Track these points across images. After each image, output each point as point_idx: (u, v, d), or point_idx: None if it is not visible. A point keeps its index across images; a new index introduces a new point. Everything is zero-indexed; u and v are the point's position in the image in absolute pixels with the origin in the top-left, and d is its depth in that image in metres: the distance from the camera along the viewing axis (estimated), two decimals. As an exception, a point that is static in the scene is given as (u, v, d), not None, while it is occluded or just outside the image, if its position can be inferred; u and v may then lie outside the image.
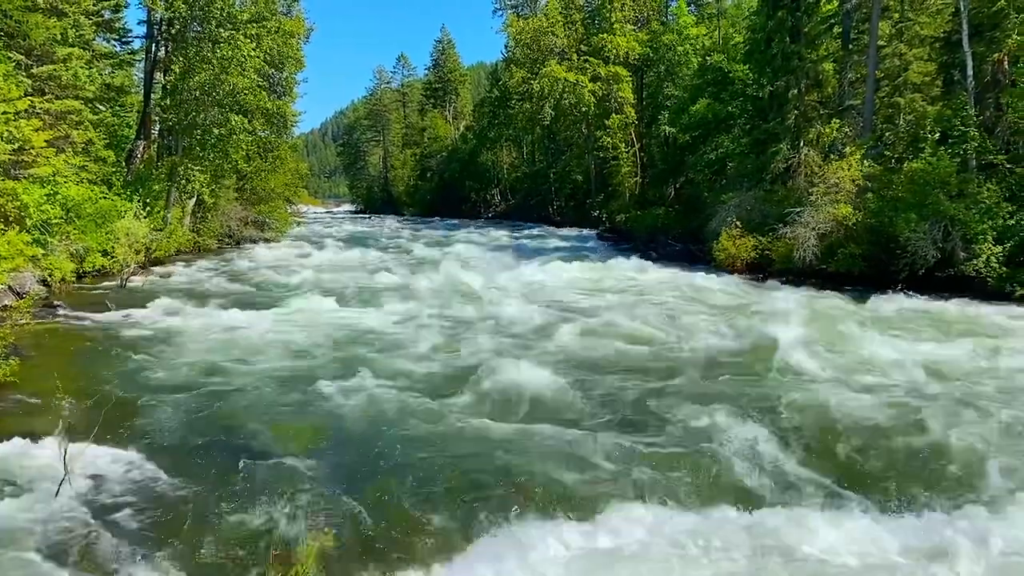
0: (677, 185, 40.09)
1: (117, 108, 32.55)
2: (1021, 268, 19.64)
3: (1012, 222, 20.14)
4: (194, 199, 33.05)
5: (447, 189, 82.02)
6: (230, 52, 29.76)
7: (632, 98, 48.14)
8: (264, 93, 34.42)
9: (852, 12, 29.37)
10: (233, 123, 30.62)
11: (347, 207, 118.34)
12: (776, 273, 24.10)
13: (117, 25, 33.52)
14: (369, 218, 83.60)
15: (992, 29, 24.47)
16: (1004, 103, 23.32)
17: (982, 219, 20.23)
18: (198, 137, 30.98)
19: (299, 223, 51.23)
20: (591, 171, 56.28)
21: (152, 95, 33.20)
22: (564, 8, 57.37)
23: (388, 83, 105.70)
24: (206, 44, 30.30)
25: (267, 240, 40.53)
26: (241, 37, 30.33)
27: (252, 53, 30.74)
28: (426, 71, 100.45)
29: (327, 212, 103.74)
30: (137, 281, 22.76)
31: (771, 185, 27.86)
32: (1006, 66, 24.55)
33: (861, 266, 22.06)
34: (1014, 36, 23.02)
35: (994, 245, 20.02)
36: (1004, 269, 19.78)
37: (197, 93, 30.32)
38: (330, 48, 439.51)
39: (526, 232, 51.69)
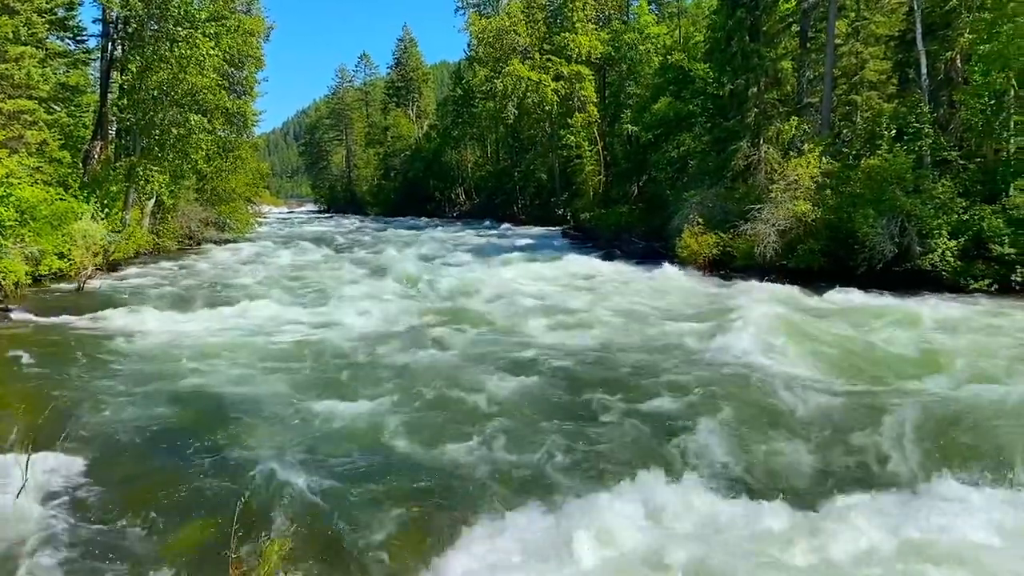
0: (640, 183, 40.34)
1: (73, 108, 31.93)
2: (975, 262, 20.10)
3: (966, 217, 20.58)
4: (153, 200, 32.53)
5: (411, 188, 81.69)
6: (188, 51, 29.34)
7: (595, 97, 48.37)
8: (224, 92, 34.02)
9: (810, 11, 29.77)
10: (192, 123, 30.19)
11: (310, 207, 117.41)
12: (738, 269, 24.38)
13: (71, 23, 32.90)
14: (332, 218, 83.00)
15: (945, 28, 25.00)
16: (957, 100, 23.84)
17: (937, 214, 20.64)
18: (157, 137, 30.49)
19: (261, 223, 50.71)
20: (555, 170, 56.45)
21: (109, 94, 32.64)
22: (526, 7, 57.39)
23: (350, 82, 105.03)
24: (164, 43, 29.82)
25: (228, 241, 40.07)
26: (200, 36, 29.91)
27: (211, 52, 30.31)
28: (388, 70, 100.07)
29: (289, 212, 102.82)
30: (95, 284, 22.35)
31: (732, 182, 28.17)
32: (959, 64, 25.09)
33: (820, 262, 22.41)
34: (966, 35, 23.53)
35: (949, 240, 20.45)
36: (958, 263, 20.23)
37: (155, 93, 29.85)
38: (291, 47, 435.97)
39: (491, 231, 51.69)
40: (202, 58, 29.85)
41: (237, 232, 42.10)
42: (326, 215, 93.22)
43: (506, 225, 57.38)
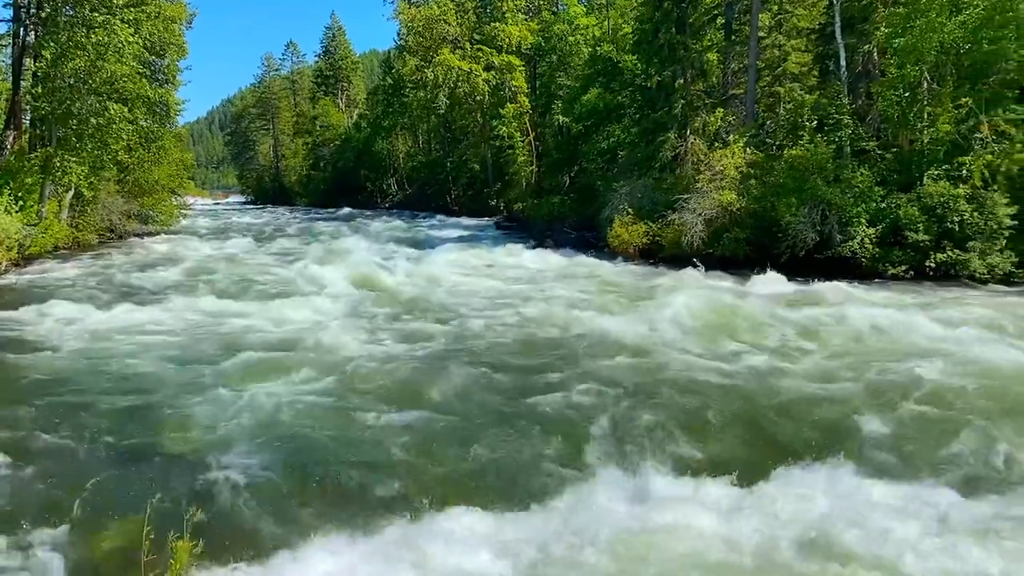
0: (572, 174, 40.63)
1: (-19, 96, 30.57)
2: (892, 249, 20.89)
3: (883, 205, 21.34)
4: (72, 192, 31.35)
5: (341, 179, 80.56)
6: (106, 37, 28.27)
7: (526, 87, 48.49)
8: (145, 81, 32.95)
9: (734, 3, 30.39)
10: (112, 112, 29.14)
11: (237, 198, 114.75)
12: (667, 258, 24.79)
13: (-21, 8, 31.46)
14: (260, 209, 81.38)
15: (863, 22, 25.82)
16: (874, 92, 24.64)
17: (856, 203, 21.36)
18: (74, 127, 29.35)
19: (186, 216, 49.37)
20: (488, 160, 56.42)
21: (22, 82, 31.26)
22: (456, -4, 57.15)
23: (277, 70, 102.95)
24: (80, 29, 28.68)
25: (152, 234, 38.88)
26: (118, 22, 28.86)
27: (130, 39, 29.29)
28: (317, 58, 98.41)
29: (216, 204, 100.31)
30: (9, 279, 21.50)
31: (660, 173, 28.63)
32: (876, 57, 25.97)
33: (745, 250, 22.97)
34: (882, 29, 24.33)
35: (867, 227, 21.20)
36: (877, 250, 21.01)
37: (71, 81, 28.71)
38: (215, 34, 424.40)
39: (424, 222, 51.41)
40: (121, 45, 28.82)
41: (161, 224, 40.96)
42: (254, 206, 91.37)
43: (439, 216, 57.15)
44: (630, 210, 27.15)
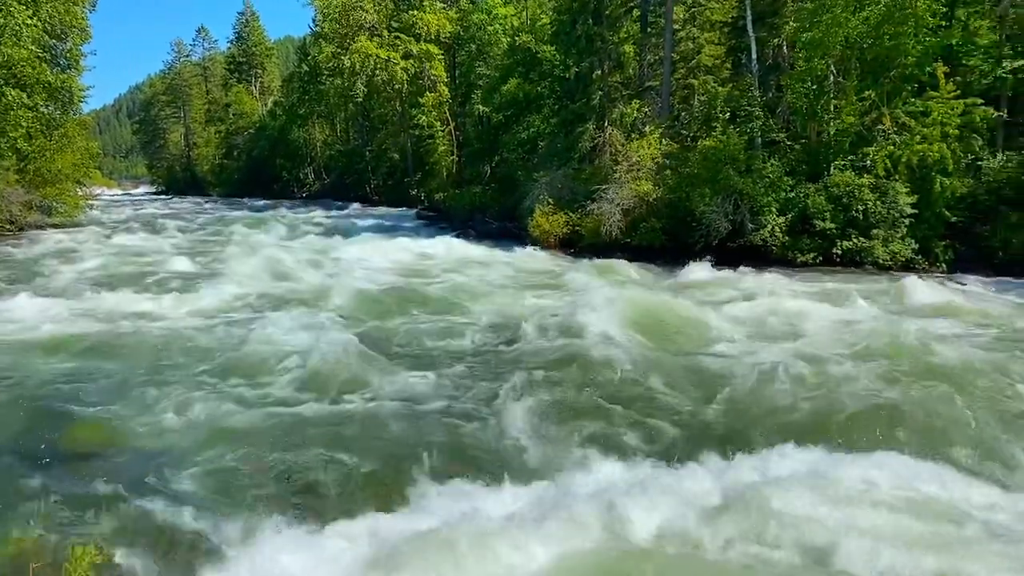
0: (493, 164, 40.62)
1: None
2: (800, 237, 21.63)
3: (792, 195, 22.06)
4: (-34, 183, 29.83)
5: (256, 168, 78.63)
6: (2, 20, 26.97)
7: (445, 76, 48.16)
8: (45, 66, 31.57)
9: (650, -4, 30.83)
10: (9, 98, 27.90)
11: (146, 188, 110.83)
12: (587, 248, 25.11)
13: None
14: (171, 200, 78.86)
15: (773, 16, 26.59)
16: (784, 85, 25.40)
17: (767, 192, 22.01)
18: (-32, 114, 27.95)
19: (92, 207, 47.42)
20: (408, 149, 55.89)
21: (-92, 66, 29.53)
22: (373, -17, 56.25)
23: (187, 56, 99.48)
24: (-28, 11, 27.30)
25: (55, 226, 37.18)
26: (15, 3, 27.55)
27: (28, 21, 28.04)
28: (229, 44, 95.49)
29: (125, 194, 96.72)
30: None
31: (579, 163, 28.91)
32: (785, 51, 26.77)
33: (662, 239, 23.44)
34: (791, 23, 25.08)
35: (777, 216, 21.90)
36: (786, 238, 21.73)
37: (-36, 65, 27.32)
38: (122, 18, 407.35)
39: (342, 212, 50.72)
40: (18, 28, 27.55)
41: (65, 216, 39.17)
42: (164, 197, 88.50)
43: (358, 206, 56.45)
44: (551, 200, 27.35)
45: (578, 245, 25.80)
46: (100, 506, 6.58)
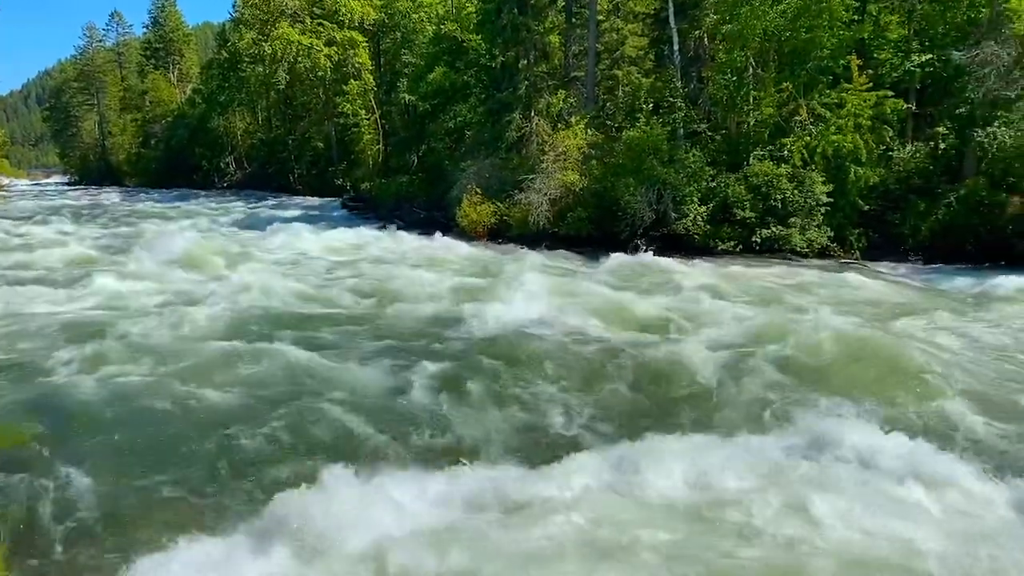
0: (420, 153, 40.30)
1: None
2: (721, 225, 22.14)
3: (713, 184, 22.55)
4: None
5: (175, 157, 76.22)
6: None
7: (370, 64, 47.59)
8: (-57, 49, 29.91)
9: (574, -14, 30.96)
10: (-96, 84, 26.32)
11: (59, 178, 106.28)
12: (515, 238, 25.19)
13: None
14: (85, 190, 75.89)
15: (694, 8, 27.04)
16: (705, 76, 25.90)
17: (689, 182, 22.45)
18: None
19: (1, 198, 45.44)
20: (332, 138, 55.00)
21: None
22: (295, -32, 55.06)
23: (101, 42, 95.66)
24: None
25: (-41, 219, 35.55)
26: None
27: (-76, 2, 26.48)
28: (145, 29, 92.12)
29: (35, 185, 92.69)
30: None
31: (507, 153, 28.93)
32: (706, 43, 27.28)
33: (588, 228, 23.67)
34: (711, 15, 25.56)
35: (699, 206, 22.36)
36: (708, 227, 22.22)
37: None
38: (31, 1, 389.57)
39: (265, 202, 49.58)
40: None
41: (-31, 208, 37.52)
42: (78, 187, 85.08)
43: (281, 195, 55.34)
44: (478, 190, 27.31)
45: (506, 235, 25.85)
46: (14, 498, 6.39)
